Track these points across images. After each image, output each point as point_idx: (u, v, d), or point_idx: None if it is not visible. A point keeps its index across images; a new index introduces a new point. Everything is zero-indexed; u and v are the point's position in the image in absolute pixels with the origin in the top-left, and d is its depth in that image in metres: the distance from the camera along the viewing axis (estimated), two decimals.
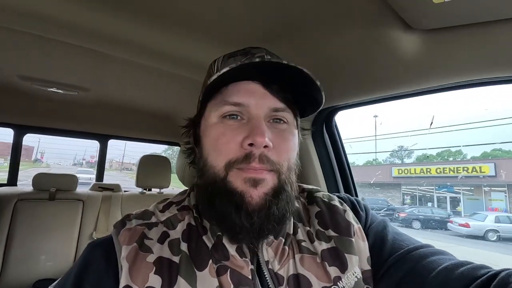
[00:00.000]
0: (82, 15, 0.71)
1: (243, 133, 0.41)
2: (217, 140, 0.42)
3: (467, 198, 11.12)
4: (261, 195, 0.40)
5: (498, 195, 10.16)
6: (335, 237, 0.47)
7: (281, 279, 0.42)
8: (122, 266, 0.39)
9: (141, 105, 1.70)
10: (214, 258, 0.41)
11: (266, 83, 0.44)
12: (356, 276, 0.44)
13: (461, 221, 8.64)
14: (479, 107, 31.50)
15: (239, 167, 0.40)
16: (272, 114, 0.44)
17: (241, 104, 0.42)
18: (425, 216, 10.00)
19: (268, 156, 0.41)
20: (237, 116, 0.43)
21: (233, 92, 0.43)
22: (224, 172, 0.41)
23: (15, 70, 1.20)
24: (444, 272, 0.38)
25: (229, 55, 0.48)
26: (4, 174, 1.83)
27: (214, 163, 0.42)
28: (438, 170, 11.90)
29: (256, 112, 0.42)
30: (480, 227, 7.98)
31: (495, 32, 0.54)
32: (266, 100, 0.43)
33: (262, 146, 0.40)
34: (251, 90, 0.43)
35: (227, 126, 0.42)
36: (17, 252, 1.38)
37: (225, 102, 0.43)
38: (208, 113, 0.45)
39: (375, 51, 0.70)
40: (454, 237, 8.18)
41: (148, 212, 0.48)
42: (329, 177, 1.11)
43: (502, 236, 7.71)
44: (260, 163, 0.40)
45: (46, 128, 1.83)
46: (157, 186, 1.81)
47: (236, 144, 0.41)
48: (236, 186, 0.40)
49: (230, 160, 0.41)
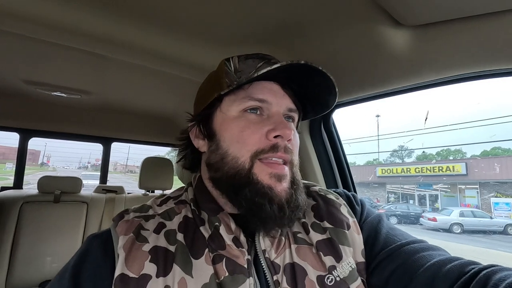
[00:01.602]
0: (84, 20, 0.72)
1: (267, 126, 0.44)
2: (242, 131, 0.44)
3: (443, 195, 11.76)
4: (286, 189, 0.43)
5: (471, 192, 10.81)
6: (330, 228, 0.48)
7: (277, 267, 0.43)
8: (118, 255, 0.40)
9: (144, 108, 1.71)
10: (210, 247, 0.42)
11: (284, 85, 0.48)
12: (351, 266, 0.45)
13: (430, 216, 9.44)
14: (472, 102, 31.32)
15: (265, 156, 0.43)
16: (287, 113, 0.48)
17: (265, 100, 0.45)
18: (401, 212, 10.76)
19: (290, 148, 0.45)
20: (257, 111, 0.46)
21: (258, 90, 0.46)
22: (249, 163, 0.43)
23: (19, 75, 1.21)
24: (432, 268, 0.39)
25: (245, 57, 0.50)
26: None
27: (238, 154, 0.44)
28: (416, 170, 12.60)
29: (276, 109, 0.46)
30: (446, 221, 8.82)
31: (484, 26, 0.54)
32: (285, 100, 0.47)
33: (288, 138, 0.44)
34: (273, 90, 0.47)
35: (249, 119, 0.45)
36: (23, 254, 1.39)
37: (250, 98, 0.45)
38: (227, 107, 0.47)
39: (367, 48, 0.70)
40: (425, 231, 8.84)
41: (146, 206, 0.49)
42: (328, 174, 1.11)
43: (465, 228, 8.62)
44: (285, 153, 0.44)
45: (50, 132, 1.84)
46: (160, 188, 1.81)
47: (261, 135, 0.44)
48: (262, 179, 0.43)
49: (256, 150, 0.43)
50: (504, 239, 8.05)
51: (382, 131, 35.62)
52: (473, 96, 32.56)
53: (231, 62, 0.50)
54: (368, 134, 27.71)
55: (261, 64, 0.47)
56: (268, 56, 0.50)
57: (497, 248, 6.88)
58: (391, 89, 0.82)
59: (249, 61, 0.49)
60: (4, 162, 26.48)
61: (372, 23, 0.63)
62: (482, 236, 8.25)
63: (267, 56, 0.50)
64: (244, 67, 0.47)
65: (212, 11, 0.67)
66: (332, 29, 0.68)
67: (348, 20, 0.65)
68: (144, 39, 0.79)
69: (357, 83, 0.86)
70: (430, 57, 0.66)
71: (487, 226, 8.49)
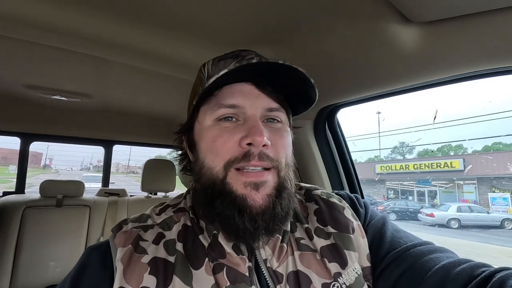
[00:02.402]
0: (84, 23, 0.70)
1: (240, 133, 0.41)
2: (214, 141, 0.42)
3: (442, 191, 11.80)
4: (264, 197, 0.40)
5: (469, 187, 10.88)
6: (334, 233, 0.46)
7: (280, 276, 0.41)
8: (116, 268, 0.38)
9: (144, 110, 1.69)
10: (210, 257, 0.41)
11: (259, 84, 0.44)
12: (357, 272, 0.43)
13: (428, 211, 9.53)
14: (483, 100, 31.05)
15: (238, 166, 0.40)
16: (267, 114, 0.44)
17: (236, 105, 0.42)
18: (400, 209, 10.80)
19: (267, 153, 0.41)
20: (233, 118, 0.43)
21: (227, 95, 0.42)
22: (223, 173, 0.40)
23: (19, 79, 1.20)
24: (441, 271, 0.37)
25: (218, 58, 0.47)
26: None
27: (212, 164, 0.42)
28: (415, 166, 12.57)
29: (251, 113, 0.42)
30: (444, 216, 8.89)
31: (496, 22, 0.52)
32: (261, 101, 0.43)
33: (261, 145, 0.40)
34: (245, 92, 0.43)
35: (223, 128, 0.42)
36: (27, 258, 1.37)
37: (220, 105, 0.42)
38: (203, 117, 0.44)
39: (374, 46, 0.68)
40: (423, 226, 8.94)
41: (145, 216, 0.47)
42: (333, 174, 1.09)
43: (463, 224, 8.65)
44: (260, 160, 0.40)
45: (51, 136, 1.83)
46: (163, 190, 1.79)
47: (234, 143, 0.41)
48: (236, 189, 0.40)
49: (229, 159, 0.40)
50: (500, 233, 8.13)
51: (386, 128, 35.50)
52: (485, 94, 32.14)
53: (205, 67, 0.48)
54: (370, 131, 27.57)
55: (232, 64, 0.43)
56: (244, 53, 0.47)
57: (491, 242, 7.01)
58: (398, 88, 0.80)
59: (221, 63, 0.46)
60: (7, 165, 26.47)
61: (380, 20, 0.61)
62: (479, 231, 8.33)
63: (243, 53, 0.47)
64: (215, 70, 0.44)
65: (212, 12, 0.65)
66: (338, 27, 0.66)
67: (355, 18, 0.62)
68: (144, 41, 0.78)
69: (363, 82, 0.84)
70: (441, 55, 0.64)
71: (484, 221, 8.57)
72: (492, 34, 0.54)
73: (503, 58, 0.59)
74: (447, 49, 0.62)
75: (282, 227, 0.43)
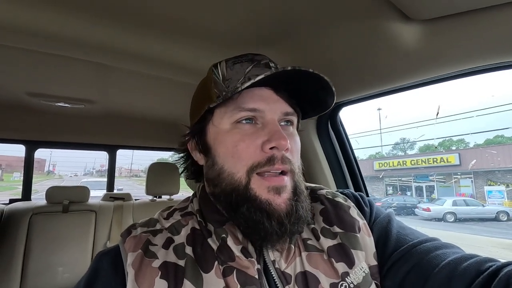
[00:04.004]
0: (85, 30, 0.70)
1: (262, 137, 0.41)
2: (235, 146, 0.41)
3: (440, 186, 11.80)
4: (285, 201, 0.40)
5: (465, 181, 10.87)
6: (340, 233, 0.46)
7: (288, 277, 0.40)
8: (128, 272, 0.38)
9: (147, 114, 1.69)
10: (219, 260, 0.40)
11: (277, 89, 0.44)
12: (364, 271, 0.42)
13: (424, 206, 9.45)
14: (486, 94, 30.75)
15: (262, 170, 0.40)
16: (283, 118, 0.44)
17: (256, 109, 0.42)
18: (398, 204, 10.87)
19: (288, 157, 0.41)
20: (252, 121, 0.42)
21: (247, 99, 0.42)
22: (246, 179, 0.40)
23: (23, 87, 1.19)
24: (448, 267, 0.37)
25: (233, 61, 0.46)
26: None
27: (233, 170, 0.41)
28: (412, 162, 12.56)
29: (271, 117, 0.42)
30: (440, 211, 8.83)
31: (496, 18, 0.51)
32: (279, 105, 0.43)
33: (285, 149, 0.40)
34: (265, 96, 0.43)
35: (243, 131, 0.42)
36: (35, 265, 1.36)
37: (240, 108, 0.42)
38: (219, 120, 0.43)
39: (376, 44, 0.67)
40: (420, 221, 8.96)
41: (153, 220, 0.47)
42: (337, 173, 1.08)
43: (458, 217, 8.66)
44: (283, 164, 0.40)
45: (56, 142, 1.82)
46: (167, 193, 1.78)
47: (256, 147, 0.40)
48: (260, 194, 0.39)
49: (252, 164, 0.40)
50: (494, 225, 8.16)
51: (389, 124, 35.16)
52: (487, 88, 31.78)
53: (218, 69, 0.47)
54: (372, 128, 27.37)
55: (250, 68, 0.44)
56: (258, 57, 0.47)
57: (481, 234, 7.05)
58: (400, 85, 0.79)
59: (237, 66, 0.45)
60: (11, 172, 26.39)
61: (381, 19, 0.60)
62: (474, 224, 8.36)
63: (257, 57, 0.47)
64: (232, 74, 0.44)
65: (212, 15, 0.64)
66: (338, 26, 0.65)
67: (355, 17, 0.62)
68: (144, 46, 0.77)
69: (365, 81, 0.83)
70: (441, 51, 0.63)
71: (479, 213, 8.60)
72: (492, 30, 0.54)
73: (503, 53, 0.59)
74: (448, 46, 0.61)
75: (303, 228, 0.44)
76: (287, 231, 0.39)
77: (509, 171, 9.78)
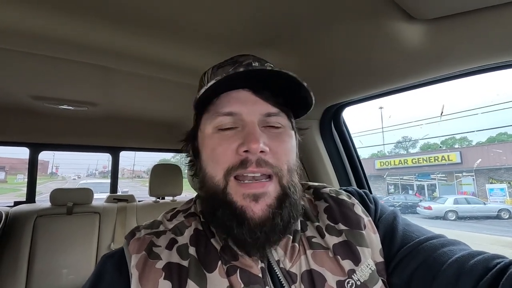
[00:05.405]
0: (87, 33, 0.70)
1: (238, 140, 0.40)
2: (214, 150, 0.41)
3: (441, 184, 11.69)
4: (263, 208, 0.38)
5: (467, 179, 10.76)
6: (345, 230, 0.45)
7: (294, 276, 0.40)
8: (132, 274, 0.38)
9: (149, 115, 1.69)
10: (223, 259, 0.40)
11: (256, 90, 0.43)
12: (370, 268, 0.42)
13: (426, 204, 9.42)
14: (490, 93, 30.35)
15: (236, 173, 0.39)
16: (266, 119, 0.42)
17: (233, 113, 0.41)
18: (399, 203, 10.76)
19: (266, 159, 0.40)
20: (232, 127, 0.42)
21: (224, 103, 0.42)
22: (223, 182, 0.40)
23: (27, 91, 1.20)
24: (455, 264, 0.37)
25: (218, 66, 0.47)
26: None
27: (213, 173, 0.41)
28: (413, 161, 12.45)
29: (249, 119, 0.41)
30: (441, 209, 8.78)
31: (499, 17, 0.51)
32: (258, 106, 0.42)
33: (257, 152, 0.39)
34: (242, 99, 0.42)
35: (222, 136, 0.41)
36: (40, 267, 1.36)
37: (217, 113, 0.42)
38: (204, 125, 0.44)
39: (379, 44, 0.66)
40: (421, 219, 8.84)
41: (156, 222, 0.47)
42: (340, 172, 1.07)
43: (460, 215, 8.57)
44: (257, 167, 0.39)
45: (59, 145, 1.83)
46: (170, 194, 1.78)
47: (232, 151, 0.40)
48: (236, 200, 0.39)
49: (228, 167, 0.40)
50: (495, 223, 8.09)
51: (392, 122, 34.88)
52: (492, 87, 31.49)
53: (205, 75, 0.47)
54: (374, 127, 27.08)
55: (229, 71, 0.42)
56: (242, 58, 0.46)
57: (482, 232, 7.00)
58: (403, 85, 0.79)
59: (220, 70, 0.45)
60: (15, 174, 26.50)
61: (383, 18, 0.60)
62: (475, 222, 8.31)
63: (241, 58, 0.46)
64: (213, 78, 0.43)
65: (212, 16, 0.64)
66: (341, 26, 0.65)
67: (358, 16, 0.61)
68: (147, 48, 0.77)
69: (368, 81, 0.82)
70: (445, 51, 0.63)
71: (481, 211, 8.54)
72: (495, 29, 0.53)
73: (507, 52, 0.58)
74: (452, 45, 0.61)
75: (282, 237, 0.42)
76: (260, 239, 0.38)
77: (511, 168, 9.75)
